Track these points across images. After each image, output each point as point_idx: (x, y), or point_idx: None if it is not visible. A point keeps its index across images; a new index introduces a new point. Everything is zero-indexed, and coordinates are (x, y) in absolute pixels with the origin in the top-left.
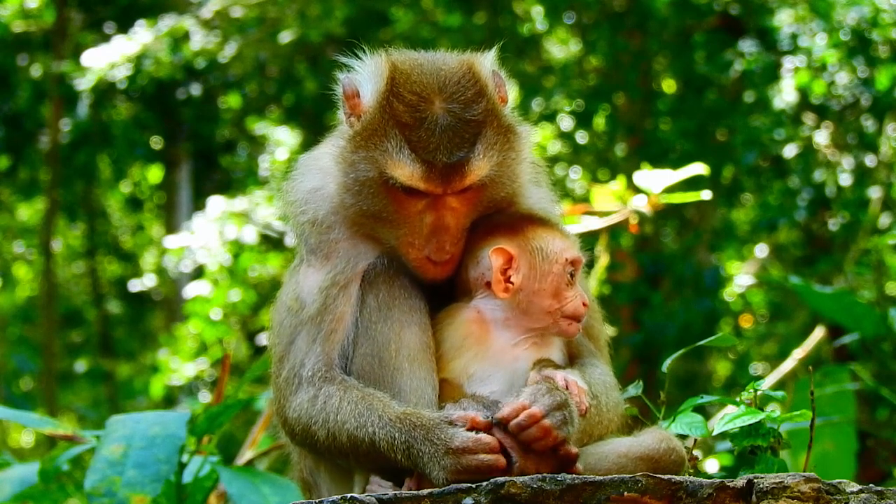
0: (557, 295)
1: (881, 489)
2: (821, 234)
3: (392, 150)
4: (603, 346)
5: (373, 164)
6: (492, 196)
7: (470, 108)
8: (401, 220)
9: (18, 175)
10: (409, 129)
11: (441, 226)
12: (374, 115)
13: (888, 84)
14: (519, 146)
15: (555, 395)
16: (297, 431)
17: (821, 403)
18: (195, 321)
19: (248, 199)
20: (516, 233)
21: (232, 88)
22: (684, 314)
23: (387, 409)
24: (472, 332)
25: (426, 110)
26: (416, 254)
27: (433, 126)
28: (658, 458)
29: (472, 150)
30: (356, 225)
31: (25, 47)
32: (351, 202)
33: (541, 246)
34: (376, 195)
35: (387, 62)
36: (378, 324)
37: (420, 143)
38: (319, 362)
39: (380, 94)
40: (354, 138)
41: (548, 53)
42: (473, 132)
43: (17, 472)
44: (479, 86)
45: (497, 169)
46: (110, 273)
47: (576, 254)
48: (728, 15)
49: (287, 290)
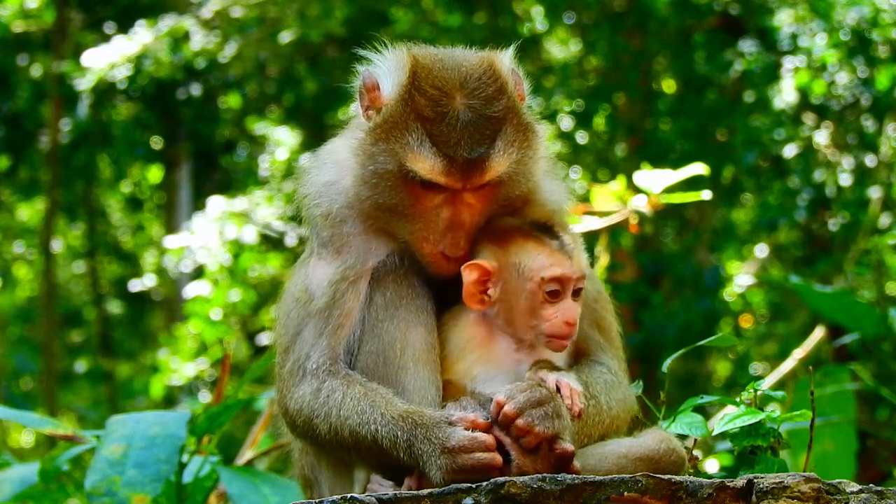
0: (534, 313)
1: (881, 489)
2: (821, 234)
3: (413, 144)
4: (613, 338)
5: (393, 156)
6: (508, 193)
7: (491, 105)
8: (417, 215)
9: (18, 175)
10: (430, 123)
11: (457, 221)
12: (395, 107)
13: (888, 84)
14: (536, 144)
15: (533, 392)
16: (299, 423)
17: (821, 403)
18: (195, 321)
19: (248, 199)
20: (502, 245)
21: (232, 88)
22: (684, 314)
23: (389, 406)
24: (475, 335)
25: (448, 105)
26: (431, 248)
27: (454, 121)
28: (658, 458)
29: (493, 147)
30: (371, 219)
31: (25, 47)
32: (367, 195)
33: (518, 262)
34: (394, 188)
35: (408, 56)
36: (384, 322)
37: (441, 138)
38: (324, 356)
39: (401, 88)
40: (374, 131)
41: (548, 53)
42: (494, 129)
43: (17, 472)
44: (500, 83)
45: (515, 166)
46: (110, 273)
47: (558, 272)
48: (728, 15)
49: (296, 281)
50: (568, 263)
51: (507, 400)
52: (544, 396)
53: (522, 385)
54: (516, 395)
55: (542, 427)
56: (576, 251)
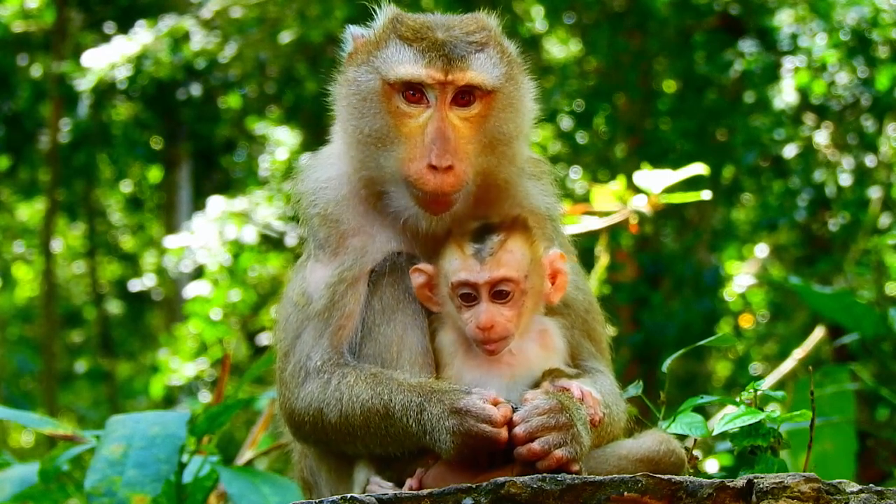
0: (458, 317)
1: (881, 489)
2: (821, 234)
3: (392, 55)
4: (604, 348)
5: (374, 71)
6: (493, 127)
7: (472, 35)
8: (402, 137)
9: (18, 175)
10: (409, 41)
11: (442, 133)
12: (376, 34)
13: (888, 84)
14: (522, 83)
15: (550, 417)
16: (308, 420)
17: (821, 403)
18: (195, 321)
19: (248, 199)
20: (439, 249)
21: (232, 88)
22: (684, 314)
23: (405, 379)
24: (455, 339)
25: (427, 33)
26: (417, 165)
27: (433, 40)
28: (658, 459)
29: (475, 54)
30: (362, 172)
31: (25, 47)
32: (353, 129)
33: (443, 265)
34: (378, 111)
35: (393, 10)
36: (381, 326)
37: (421, 47)
38: (327, 353)
39: (384, 22)
40: (356, 55)
41: (548, 53)
42: (477, 47)
43: (17, 472)
44: (482, 23)
45: (499, 84)
46: (110, 273)
47: (462, 277)
48: (728, 15)
49: (293, 285)
50: (476, 268)
51: (520, 421)
52: (562, 423)
53: (542, 405)
54: (531, 417)
55: (563, 452)
56: (500, 256)
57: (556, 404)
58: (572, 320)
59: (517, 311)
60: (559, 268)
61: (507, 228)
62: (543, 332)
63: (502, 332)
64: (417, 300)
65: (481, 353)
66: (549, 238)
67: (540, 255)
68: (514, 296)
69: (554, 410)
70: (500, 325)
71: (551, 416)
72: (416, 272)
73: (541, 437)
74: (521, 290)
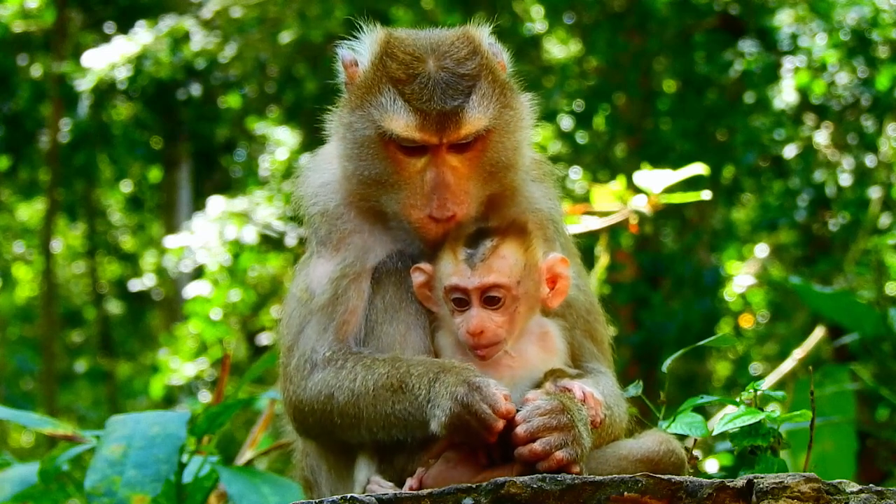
0: (451, 319)
1: (881, 489)
2: (821, 234)
3: (386, 104)
4: (606, 349)
5: (369, 120)
6: (493, 159)
7: (464, 64)
8: (402, 182)
9: (18, 175)
10: (402, 84)
11: (441, 182)
12: (368, 73)
13: (888, 84)
14: (517, 105)
15: (552, 418)
16: (316, 408)
17: (821, 403)
18: (195, 321)
19: (248, 199)
20: (437, 251)
21: (232, 88)
22: (684, 314)
23: (429, 358)
24: (457, 339)
25: (419, 67)
26: (418, 214)
27: (426, 80)
28: (658, 460)
29: (467, 100)
30: (362, 200)
31: (25, 47)
32: (352, 169)
33: (437, 268)
34: (375, 156)
35: (383, 32)
36: (384, 325)
37: (413, 95)
38: (334, 345)
39: (375, 56)
40: (350, 99)
41: (548, 53)
42: (468, 84)
43: (17, 472)
44: (473, 45)
45: (495, 121)
46: (110, 273)
47: (453, 281)
48: (728, 15)
49: (296, 282)
50: (467, 274)
51: (522, 421)
52: (563, 424)
53: (543, 405)
54: (533, 417)
55: (564, 454)
56: (491, 262)
57: (558, 405)
58: (574, 321)
59: (509, 317)
60: (559, 272)
61: (502, 233)
62: (544, 334)
63: (492, 339)
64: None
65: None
66: (551, 241)
67: (536, 261)
68: (505, 302)
69: (555, 411)
70: (490, 331)
71: (553, 416)
72: (417, 271)
73: (542, 438)
74: (512, 296)
